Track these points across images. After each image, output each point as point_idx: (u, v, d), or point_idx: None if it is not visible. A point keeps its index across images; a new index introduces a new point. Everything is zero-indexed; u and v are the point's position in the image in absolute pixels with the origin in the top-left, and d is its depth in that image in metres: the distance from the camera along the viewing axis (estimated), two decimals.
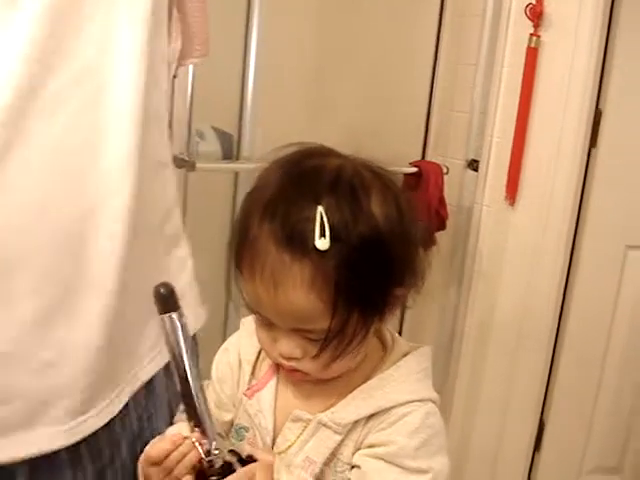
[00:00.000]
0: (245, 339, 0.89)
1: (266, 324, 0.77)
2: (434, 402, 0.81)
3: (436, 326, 2.21)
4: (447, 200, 1.96)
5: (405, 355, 0.82)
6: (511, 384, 2.10)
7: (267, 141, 1.71)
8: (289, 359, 0.77)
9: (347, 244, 0.71)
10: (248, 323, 0.89)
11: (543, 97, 1.88)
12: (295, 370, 0.78)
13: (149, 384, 0.97)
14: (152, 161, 0.92)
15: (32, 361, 0.81)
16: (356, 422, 0.78)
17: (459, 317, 2.13)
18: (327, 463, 0.80)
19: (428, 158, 1.93)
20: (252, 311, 0.78)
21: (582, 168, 1.96)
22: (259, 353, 0.87)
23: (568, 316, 2.10)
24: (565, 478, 2.24)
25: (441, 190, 1.85)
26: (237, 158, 1.66)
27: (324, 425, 0.79)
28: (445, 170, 1.87)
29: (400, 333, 2.05)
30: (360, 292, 0.73)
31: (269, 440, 0.82)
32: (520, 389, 2.11)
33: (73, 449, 0.87)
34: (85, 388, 0.86)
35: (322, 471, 0.80)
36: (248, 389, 0.86)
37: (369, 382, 0.80)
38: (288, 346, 0.76)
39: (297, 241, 0.71)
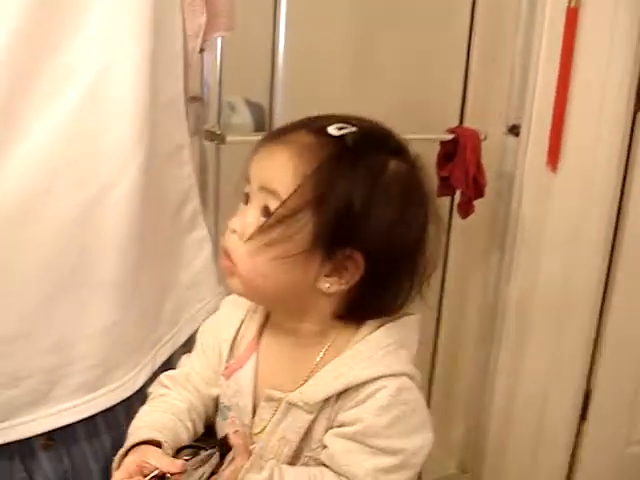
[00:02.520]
0: (223, 320, 0.89)
1: (243, 202, 0.79)
2: (409, 376, 0.77)
3: (479, 295, 2.19)
4: (487, 167, 1.92)
5: (378, 328, 0.79)
6: (556, 352, 2.07)
7: (298, 111, 1.69)
8: (228, 237, 0.78)
9: (351, 155, 0.74)
10: (228, 303, 0.89)
11: (584, 59, 1.82)
12: (227, 257, 0.78)
13: (168, 362, 0.98)
14: (164, 144, 0.92)
15: (42, 341, 0.83)
16: (327, 400, 0.77)
17: (502, 285, 2.09)
18: (303, 441, 0.79)
19: (466, 124, 1.89)
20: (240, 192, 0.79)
21: (627, 132, 1.90)
22: (237, 333, 0.87)
23: (614, 282, 2.06)
24: (612, 448, 2.20)
25: (478, 157, 1.81)
26: (269, 129, 1.65)
27: (294, 405, 0.78)
28: (483, 137, 1.82)
29: (440, 303, 2.03)
30: (321, 199, 0.73)
31: (247, 420, 0.82)
32: (565, 357, 2.08)
33: (90, 421, 0.89)
34: (97, 365, 0.88)
35: (299, 448, 0.79)
36: (226, 368, 0.86)
37: (337, 359, 0.78)
38: (237, 218, 0.78)
39: (317, 123, 0.77)
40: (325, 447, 0.78)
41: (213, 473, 0.75)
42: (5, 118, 0.76)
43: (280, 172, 0.75)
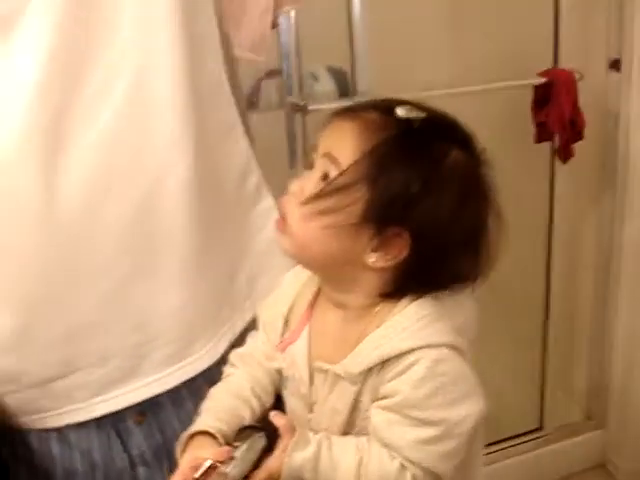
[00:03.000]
0: (280, 295, 0.92)
1: (307, 167, 0.82)
2: (450, 346, 0.77)
3: (592, 239, 2.12)
4: (590, 106, 1.85)
5: (416, 300, 0.79)
6: None
7: (382, 72, 1.69)
8: (287, 198, 0.81)
9: (414, 139, 0.76)
10: (285, 279, 0.92)
11: None
12: (282, 216, 0.81)
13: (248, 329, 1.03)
14: (214, 127, 0.95)
15: (121, 324, 0.90)
16: (369, 371, 0.78)
17: (616, 229, 2.02)
18: (352, 411, 0.81)
19: (562, 63, 1.81)
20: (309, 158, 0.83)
21: None
22: (291, 307, 0.89)
23: None
24: None
25: (575, 98, 1.74)
26: (354, 94, 1.66)
27: (339, 376, 0.80)
28: (578, 76, 1.75)
29: (549, 251, 1.99)
30: (378, 177, 0.75)
31: (305, 390, 0.85)
32: None
33: (175, 392, 0.96)
34: (177, 339, 0.94)
35: (350, 418, 0.81)
36: (281, 342, 0.89)
37: (377, 331, 0.79)
38: (297, 181, 0.81)
39: (387, 103, 0.79)
40: (371, 419, 0.80)
41: (264, 455, 0.78)
42: (59, 128, 0.81)
43: (344, 143, 0.77)
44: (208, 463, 0.76)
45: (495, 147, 1.96)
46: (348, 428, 0.82)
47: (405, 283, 0.80)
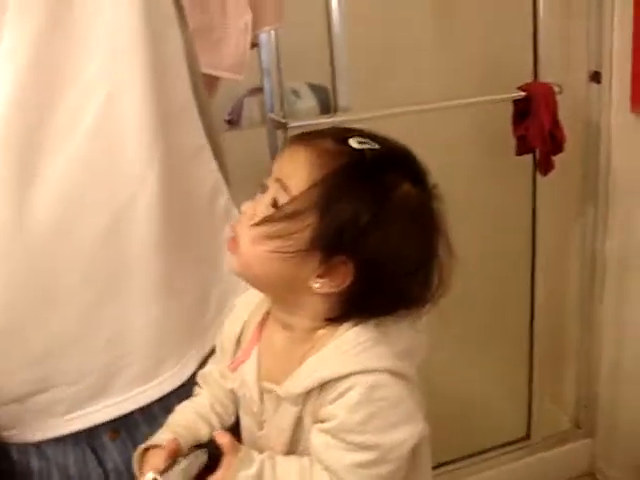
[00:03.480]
0: (234, 316, 0.94)
1: (261, 192, 0.83)
2: (389, 372, 0.77)
3: (576, 253, 2.14)
4: (571, 119, 1.87)
5: (356, 325, 0.80)
6: None
7: (364, 88, 1.71)
8: (239, 218, 0.83)
9: (365, 170, 0.77)
10: (239, 300, 0.95)
11: None
12: (232, 236, 0.83)
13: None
14: (182, 148, 0.97)
15: (94, 343, 0.92)
16: (309, 393, 0.79)
17: (598, 240, 2.04)
18: (295, 431, 0.82)
19: (542, 77, 1.84)
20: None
21: None
22: (243, 327, 0.92)
23: None
24: None
25: (554, 112, 1.76)
26: (335, 111, 1.68)
27: (282, 397, 0.82)
28: (558, 90, 1.77)
29: (533, 264, 2.01)
30: (327, 206, 0.76)
31: (256, 409, 0.87)
32: None
33: (147, 409, 0.98)
34: (147, 358, 0.96)
35: (294, 438, 0.83)
36: (232, 362, 0.91)
37: (316, 355, 0.80)
38: (249, 203, 0.82)
39: (342, 133, 0.80)
40: (311, 441, 0.81)
41: (207, 473, 0.80)
42: (29, 151, 0.83)
43: (295, 170, 0.78)
44: (150, 476, 0.79)
45: (477, 160, 2.00)
46: (293, 446, 0.84)
47: (349, 308, 0.80)
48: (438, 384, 0.90)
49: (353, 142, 0.79)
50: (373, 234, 0.76)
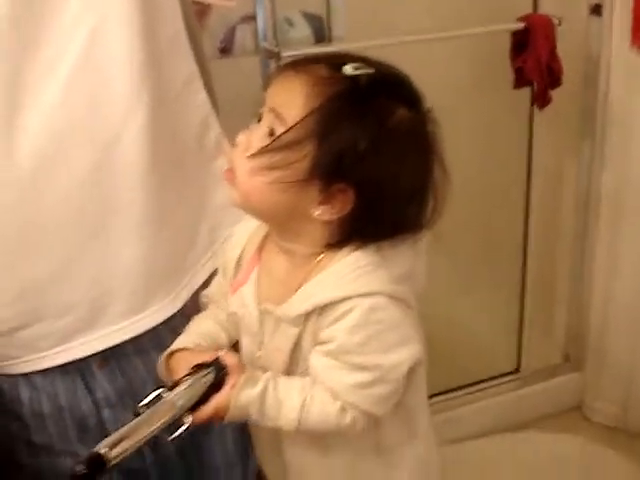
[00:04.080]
0: (234, 240, 0.95)
1: (257, 121, 0.82)
2: (386, 295, 0.79)
3: (571, 186, 2.13)
4: (571, 52, 1.84)
5: (356, 250, 0.82)
6: None
7: (358, 17, 1.68)
8: (234, 150, 0.82)
9: (361, 96, 0.77)
10: (240, 225, 0.95)
11: None
12: (229, 168, 0.83)
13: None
14: (171, 81, 0.95)
15: (79, 278, 0.92)
16: (308, 316, 0.81)
17: (594, 175, 2.03)
18: (294, 352, 0.84)
19: (542, 8, 1.80)
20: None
21: None
22: (242, 251, 0.92)
23: None
24: None
25: (552, 45, 1.73)
26: (329, 40, 1.65)
27: (281, 318, 0.83)
28: (557, 22, 1.74)
29: (528, 197, 2.01)
30: (324, 134, 0.76)
31: (255, 329, 0.88)
32: None
33: (137, 340, 0.99)
34: (136, 292, 0.97)
35: (293, 360, 0.85)
36: (231, 285, 0.92)
37: (315, 278, 0.81)
38: (244, 133, 0.82)
39: (336, 59, 0.80)
40: (311, 363, 0.83)
41: (212, 391, 0.81)
42: (18, 83, 0.82)
43: (290, 99, 0.78)
44: (156, 392, 0.79)
45: (474, 92, 1.97)
46: (291, 367, 0.86)
47: (349, 234, 0.82)
48: (429, 314, 0.91)
49: (348, 68, 0.78)
50: (371, 159, 0.77)
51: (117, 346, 0.98)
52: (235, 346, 0.93)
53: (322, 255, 0.83)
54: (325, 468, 0.93)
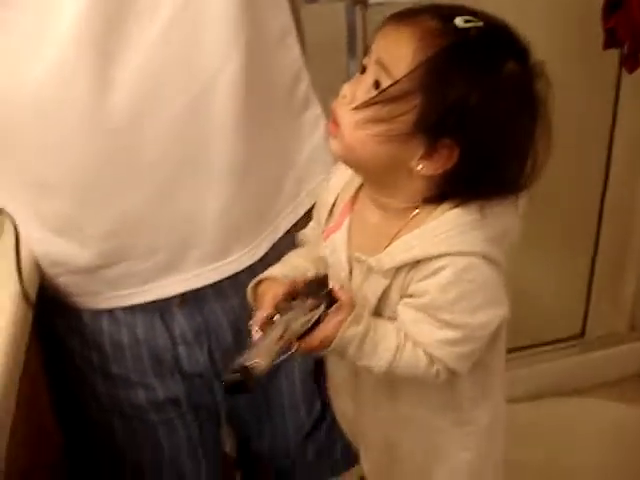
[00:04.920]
0: (330, 186, 0.95)
1: (360, 72, 0.82)
2: (481, 255, 0.79)
3: None
4: None
5: (455, 207, 0.81)
6: None
7: None
8: (339, 101, 0.82)
9: (471, 49, 0.76)
10: (336, 171, 0.95)
11: None
12: (334, 119, 0.82)
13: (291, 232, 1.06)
14: (266, 33, 0.95)
15: (166, 220, 0.95)
16: (400, 269, 0.81)
17: None
18: (381, 303, 0.85)
19: None
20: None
21: None
22: (336, 198, 0.93)
23: None
24: None
25: None
26: None
27: (372, 268, 0.84)
28: None
29: (609, 160, 1.96)
30: (434, 87, 0.75)
31: (344, 276, 0.89)
32: None
33: (217, 285, 1.02)
34: (220, 238, 0.99)
35: (379, 309, 0.86)
36: (324, 231, 0.93)
37: (412, 232, 0.81)
38: (349, 84, 0.81)
39: (446, 11, 0.78)
40: (399, 315, 0.84)
41: (318, 322, 0.82)
42: (112, 34, 0.83)
43: (398, 51, 0.77)
44: (271, 312, 0.81)
45: (564, 50, 1.90)
46: (377, 317, 0.86)
47: (448, 191, 0.81)
48: None
49: (459, 20, 0.76)
50: (478, 115, 0.76)
51: (197, 290, 1.01)
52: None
53: (417, 210, 0.83)
54: (397, 419, 0.95)
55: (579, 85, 1.89)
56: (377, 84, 0.78)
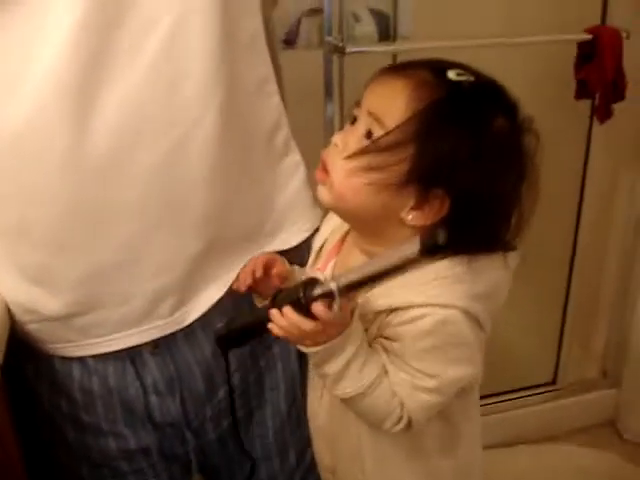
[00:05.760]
0: (319, 232, 0.97)
1: (350, 122, 0.82)
2: (462, 310, 0.78)
3: (624, 207, 2.10)
4: (638, 66, 1.81)
5: (442, 259, 0.80)
6: None
7: (424, 18, 1.67)
8: (329, 150, 0.82)
9: (464, 102, 0.77)
10: (325, 221, 0.97)
11: None
12: (323, 167, 0.82)
13: None
14: (247, 81, 0.95)
15: (145, 267, 0.93)
16: (379, 312, 0.81)
17: None
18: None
19: (610, 21, 1.77)
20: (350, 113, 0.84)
21: None
22: (324, 243, 0.94)
23: None
24: None
25: (619, 58, 1.70)
26: (394, 39, 1.64)
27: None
28: (625, 35, 1.71)
29: (579, 213, 1.98)
30: (427, 138, 0.76)
31: None
32: None
33: (189, 330, 1.01)
34: (193, 284, 0.98)
35: None
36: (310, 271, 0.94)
37: (396, 280, 0.79)
38: (340, 134, 0.82)
39: (438, 64, 0.80)
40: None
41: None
42: (95, 72, 0.82)
43: (391, 102, 0.78)
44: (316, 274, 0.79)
45: (535, 100, 1.93)
46: None
47: None
48: None
49: (451, 73, 0.78)
50: (469, 167, 0.76)
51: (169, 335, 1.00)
52: None
53: None
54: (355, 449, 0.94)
55: (553, 133, 1.92)
56: (369, 134, 0.78)
